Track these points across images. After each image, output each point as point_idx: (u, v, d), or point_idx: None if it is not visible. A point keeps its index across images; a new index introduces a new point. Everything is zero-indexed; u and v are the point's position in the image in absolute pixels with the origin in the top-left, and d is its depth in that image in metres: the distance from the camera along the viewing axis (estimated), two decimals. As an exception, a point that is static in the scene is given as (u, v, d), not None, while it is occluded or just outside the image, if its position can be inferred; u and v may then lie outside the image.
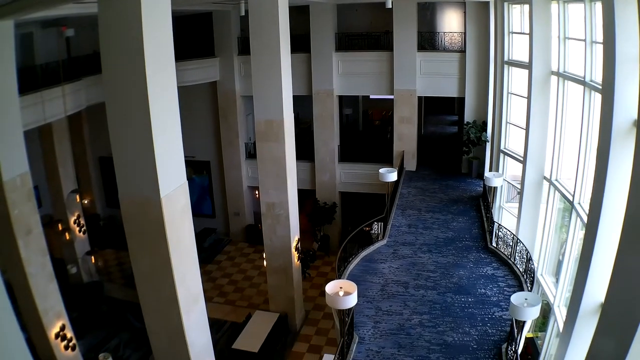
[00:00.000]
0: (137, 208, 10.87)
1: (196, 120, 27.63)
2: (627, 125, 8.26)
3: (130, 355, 20.04)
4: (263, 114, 18.58)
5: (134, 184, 10.74)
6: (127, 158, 10.66)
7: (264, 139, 18.83)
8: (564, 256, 14.53)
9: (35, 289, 13.97)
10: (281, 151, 18.74)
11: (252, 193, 29.35)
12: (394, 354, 13.55)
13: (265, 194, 19.63)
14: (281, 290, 21.10)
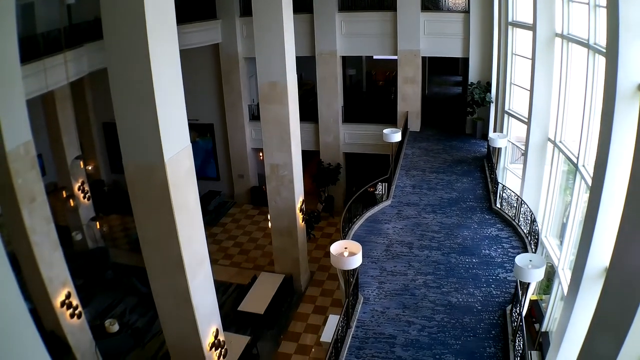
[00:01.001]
0: (141, 172, 10.88)
1: (199, 84, 27.47)
2: (631, 90, 8.17)
3: (137, 320, 20.21)
4: (266, 76, 18.47)
5: (137, 148, 10.73)
6: (131, 123, 10.63)
7: (267, 101, 18.75)
8: (568, 218, 14.51)
9: (40, 257, 13.99)
10: (285, 113, 18.67)
11: (256, 155, 29.31)
12: (398, 315, 13.63)
13: (269, 155, 19.61)
14: (286, 251, 21.20)
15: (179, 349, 13.50)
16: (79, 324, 15.77)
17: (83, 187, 23.43)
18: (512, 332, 12.42)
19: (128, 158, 10.93)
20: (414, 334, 12.94)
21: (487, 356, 12.04)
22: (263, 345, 18.70)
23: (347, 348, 12.59)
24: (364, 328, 13.24)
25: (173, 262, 11.61)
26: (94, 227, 23.74)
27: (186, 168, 11.38)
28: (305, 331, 19.67)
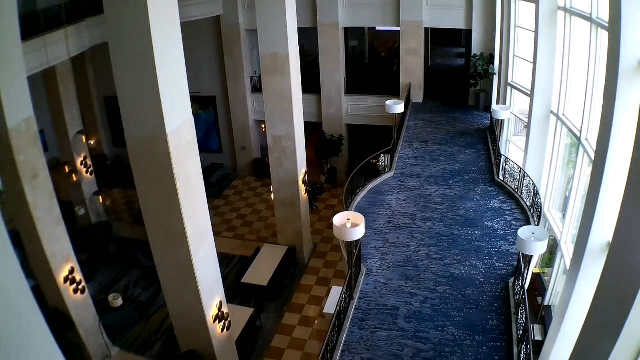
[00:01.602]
0: (143, 145, 10.86)
1: (200, 56, 27.30)
2: (633, 65, 8.10)
3: (140, 294, 20.33)
4: (268, 48, 18.36)
5: (139, 121, 10.70)
6: (132, 96, 10.59)
7: (269, 73, 18.66)
8: (571, 192, 14.48)
9: (43, 233, 13.99)
10: (287, 84, 18.59)
11: (258, 127, 29.26)
12: (401, 286, 13.68)
13: (272, 127, 19.57)
14: (289, 223, 21.25)
15: (182, 321, 13.58)
16: (83, 299, 15.83)
17: (85, 162, 23.41)
18: (515, 305, 12.46)
19: (130, 131, 10.90)
20: (417, 305, 13.00)
21: (489, 329, 12.09)
22: (266, 317, 18.82)
23: (350, 319, 12.65)
24: (366, 299, 13.30)
25: (176, 235, 11.64)
26: (97, 202, 23.84)
27: (188, 140, 11.35)
28: (308, 303, 19.78)
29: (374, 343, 12.03)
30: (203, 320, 13.01)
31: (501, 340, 11.75)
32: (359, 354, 11.78)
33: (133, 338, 18.19)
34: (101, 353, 16.98)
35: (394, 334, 12.21)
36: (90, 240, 22.45)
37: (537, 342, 13.83)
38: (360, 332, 12.35)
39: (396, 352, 11.73)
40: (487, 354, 11.44)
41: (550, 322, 13.35)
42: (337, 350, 11.81)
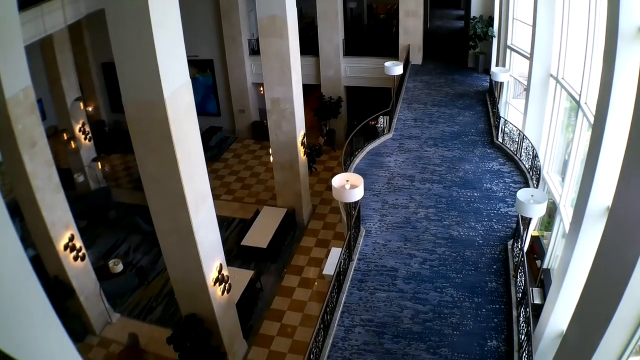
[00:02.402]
0: (141, 110, 10.81)
1: (197, 19, 27.05)
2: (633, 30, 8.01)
3: (141, 259, 20.42)
4: (265, 10, 18.17)
5: (137, 86, 10.64)
6: (129, 60, 10.51)
7: (267, 35, 18.50)
8: (570, 156, 14.45)
9: (42, 201, 13.98)
10: (285, 46, 18.45)
11: (256, 90, 29.14)
12: (400, 247, 13.75)
13: (270, 90, 19.47)
14: (288, 185, 21.27)
15: (183, 285, 13.67)
16: (83, 266, 15.90)
17: (84, 129, 23.35)
18: (514, 267, 12.52)
19: (128, 96, 10.85)
20: (416, 266, 13.07)
21: (488, 291, 12.17)
22: (266, 279, 18.94)
23: (350, 281, 12.73)
24: (365, 261, 13.37)
25: (175, 199, 11.65)
26: (96, 168, 23.84)
27: (186, 104, 11.30)
28: (307, 264, 19.88)
29: (373, 304, 12.12)
30: (203, 284, 13.09)
31: (500, 303, 11.83)
32: (358, 315, 11.88)
33: (134, 303, 18.31)
34: (102, 320, 17.12)
35: (393, 295, 12.30)
36: (90, 207, 22.50)
37: (536, 305, 13.94)
38: (359, 293, 12.44)
39: (395, 313, 11.83)
40: (486, 315, 11.53)
41: (549, 285, 13.42)
42: (337, 312, 11.90)
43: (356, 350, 11.04)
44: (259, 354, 16.18)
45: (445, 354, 10.77)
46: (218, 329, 14.04)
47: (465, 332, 11.22)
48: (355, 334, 11.42)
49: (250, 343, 16.45)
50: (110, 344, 16.71)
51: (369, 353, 10.98)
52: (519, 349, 10.54)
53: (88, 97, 27.34)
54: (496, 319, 11.42)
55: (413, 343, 11.07)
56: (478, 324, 11.35)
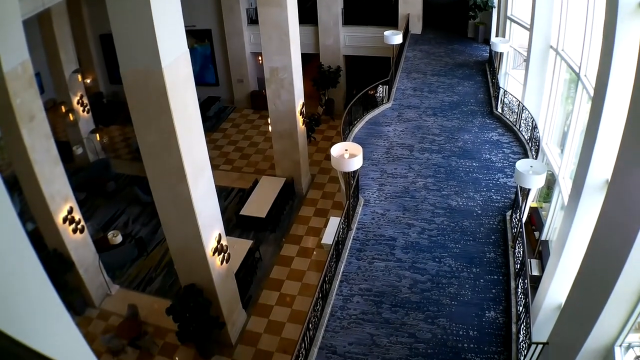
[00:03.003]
0: (139, 81, 10.75)
1: (195, -13, 26.89)
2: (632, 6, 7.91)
3: (140, 230, 20.46)
4: (264, -22, 18.05)
5: (135, 56, 10.56)
6: (127, 31, 10.41)
7: (265, 4, 18.34)
8: (569, 128, 14.40)
9: (41, 175, 13.94)
10: (283, 15, 18.30)
11: (255, 59, 28.98)
12: (398, 217, 13.77)
13: (269, 59, 19.35)
14: (287, 155, 21.25)
15: (182, 255, 13.70)
16: (82, 238, 15.92)
17: (82, 101, 23.27)
18: (512, 238, 12.55)
19: (126, 67, 10.77)
20: (414, 236, 13.11)
21: (486, 261, 12.21)
22: (265, 249, 19.00)
23: (348, 250, 12.77)
24: (364, 230, 13.41)
25: (174, 169, 11.63)
26: (94, 140, 23.80)
27: (184, 74, 11.24)
28: (306, 234, 19.94)
29: (371, 273, 12.17)
30: (202, 254, 13.12)
31: (498, 274, 11.88)
32: (356, 284, 11.93)
33: (133, 275, 18.39)
34: (101, 292, 17.19)
35: (391, 265, 12.35)
36: (89, 179, 22.53)
37: (534, 277, 13.99)
38: (358, 262, 12.48)
39: (393, 282, 11.88)
40: (484, 286, 11.58)
41: (548, 257, 13.46)
42: (335, 281, 11.96)
43: (354, 320, 11.11)
44: (258, 323, 16.28)
45: (443, 324, 10.84)
46: (217, 299, 14.10)
47: (463, 302, 11.28)
48: (353, 303, 11.48)
49: (250, 313, 16.56)
50: (109, 316, 16.80)
51: (367, 322, 11.04)
52: (517, 320, 10.60)
53: (86, 70, 27.24)
54: (494, 290, 11.48)
55: (411, 313, 11.14)
56: (476, 295, 11.41)
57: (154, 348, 15.54)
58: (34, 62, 13.43)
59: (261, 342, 15.70)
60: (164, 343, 15.79)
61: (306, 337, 10.29)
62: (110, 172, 23.52)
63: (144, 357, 15.43)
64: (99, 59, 30.27)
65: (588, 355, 7.05)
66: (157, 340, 15.79)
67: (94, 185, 22.38)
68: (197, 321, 13.77)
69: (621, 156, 6.87)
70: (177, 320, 14.00)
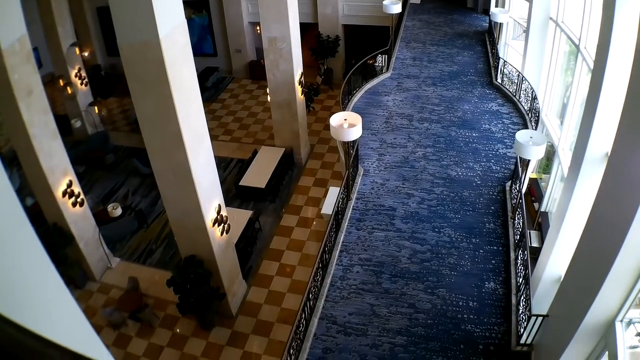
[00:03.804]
0: (136, 52, 10.66)
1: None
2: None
3: (140, 202, 20.46)
4: (261, -54, 17.87)
5: (132, 28, 10.46)
6: (124, 3, 10.29)
7: (263, -27, 18.22)
8: (569, 100, 14.31)
9: (40, 149, 13.88)
10: (281, -16, 18.18)
11: (253, 29, 28.80)
12: (398, 187, 13.78)
13: (267, 29, 19.20)
14: (286, 125, 21.20)
15: (182, 226, 13.70)
16: (82, 212, 15.92)
17: (80, 74, 23.16)
18: (512, 209, 12.56)
19: (123, 39, 10.67)
20: (414, 206, 13.12)
21: (486, 232, 12.23)
22: (265, 219, 19.03)
23: (348, 220, 12.80)
24: (364, 200, 13.42)
25: (173, 141, 11.59)
26: (93, 112, 23.70)
27: (182, 44, 11.15)
28: (306, 204, 19.95)
29: (371, 243, 12.21)
30: (202, 225, 13.12)
31: (498, 244, 11.90)
32: (356, 254, 11.97)
33: (133, 247, 18.42)
34: (102, 265, 17.23)
35: (391, 235, 12.37)
36: (88, 152, 22.51)
37: (533, 248, 13.99)
38: (357, 232, 12.51)
39: (393, 252, 11.92)
40: (483, 257, 11.61)
41: (547, 228, 13.46)
42: (335, 251, 11.99)
43: (354, 290, 11.16)
44: (259, 293, 16.35)
45: (442, 295, 10.88)
46: (217, 269, 14.14)
47: (462, 272, 11.32)
48: (353, 273, 11.52)
49: (250, 283, 16.62)
50: (110, 289, 16.87)
51: (367, 292, 11.09)
52: (517, 292, 10.64)
53: (84, 42, 27.09)
54: (494, 261, 11.51)
55: (411, 283, 11.18)
56: (476, 265, 11.45)
57: (155, 320, 15.62)
58: (31, 36, 13.32)
59: (261, 312, 15.78)
60: (164, 315, 15.86)
61: (306, 307, 10.34)
62: (109, 144, 23.48)
63: (145, 330, 15.52)
64: (96, 31, 30.15)
65: (588, 330, 7.06)
66: (157, 312, 15.87)
67: (93, 158, 22.37)
68: (197, 292, 13.81)
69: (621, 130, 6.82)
70: (178, 291, 14.04)
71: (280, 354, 10.71)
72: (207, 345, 14.95)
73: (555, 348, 8.09)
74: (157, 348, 15.06)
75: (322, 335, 10.35)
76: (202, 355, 14.72)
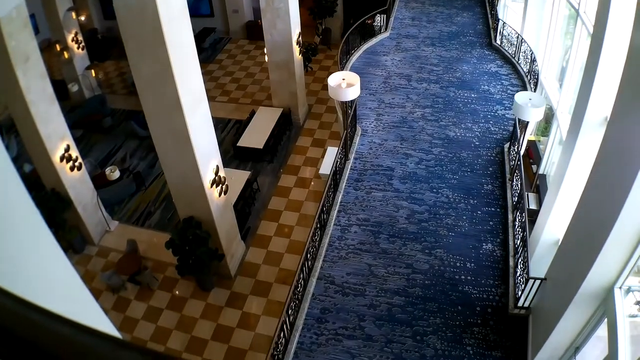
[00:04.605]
0: (133, 14, 10.55)
1: None
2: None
3: (138, 164, 20.42)
4: None
5: (128, -12, 10.38)
6: (119, -38, 10.22)
7: None
8: (568, 63, 14.22)
9: (37, 114, 13.81)
10: (277, -57, 17.97)
11: (250, -12, 28.53)
12: (396, 147, 13.79)
13: (264, -12, 19.05)
14: (283, 85, 21.09)
15: (180, 188, 13.70)
16: (79, 176, 15.88)
17: (77, 38, 22.96)
18: (510, 170, 12.58)
19: (119, 1, 10.60)
20: (412, 166, 13.14)
21: (483, 193, 12.27)
22: (263, 180, 19.03)
23: (346, 180, 12.82)
24: (362, 160, 13.44)
25: (170, 102, 11.54)
26: (90, 76, 23.59)
27: (178, 5, 11.04)
28: (304, 164, 19.95)
29: (369, 203, 12.25)
30: (200, 186, 13.13)
31: (496, 206, 11.94)
32: (354, 214, 12.02)
33: (132, 210, 18.43)
34: (100, 229, 17.25)
35: (388, 195, 12.41)
36: (85, 116, 22.42)
37: (531, 210, 14.04)
38: (355, 192, 12.55)
39: (391, 212, 11.97)
40: (481, 218, 11.66)
41: (545, 191, 13.48)
42: (333, 211, 12.04)
43: (352, 250, 11.22)
44: (257, 254, 16.42)
45: (440, 255, 10.95)
46: (216, 230, 14.18)
47: (460, 233, 11.38)
48: (351, 233, 11.58)
49: (248, 244, 16.68)
50: (109, 253, 16.91)
51: (365, 253, 11.16)
52: (515, 254, 10.69)
53: (80, 7, 26.81)
54: (492, 222, 11.56)
55: (408, 243, 11.24)
56: (473, 226, 11.50)
57: (154, 283, 15.70)
58: (28, 3, 13.22)
59: (260, 273, 15.87)
60: (163, 277, 15.95)
61: (305, 267, 10.40)
62: (106, 107, 23.37)
63: (144, 293, 15.61)
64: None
65: (587, 295, 7.06)
66: (156, 274, 15.95)
67: (91, 122, 22.28)
68: (196, 254, 13.86)
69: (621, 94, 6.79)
70: (176, 253, 14.09)
71: (278, 314, 10.81)
72: (206, 307, 15.06)
73: (553, 312, 8.12)
74: (156, 310, 15.17)
75: (320, 296, 10.43)
76: (201, 317, 14.83)
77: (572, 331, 7.72)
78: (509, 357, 9.26)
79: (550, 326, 7.97)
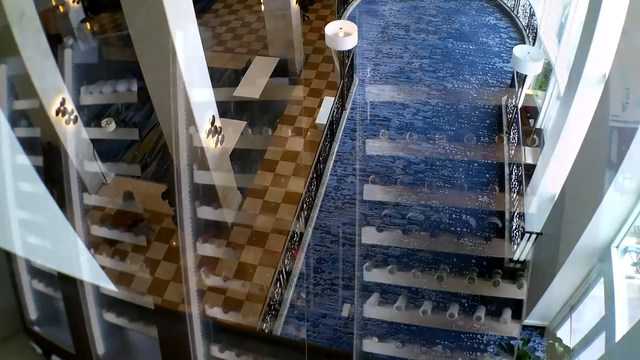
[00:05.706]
0: (128, -38, 10.47)
1: None
2: None
3: (134, 115, 20.29)
4: None
5: None
6: None
7: None
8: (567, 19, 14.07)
9: (32, 70, 13.74)
10: None
11: None
12: (393, 97, 13.76)
13: None
14: (280, 34, 20.85)
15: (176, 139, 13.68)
16: (75, 128, 15.78)
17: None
18: (507, 123, 12.55)
19: (114, -47, 10.48)
20: (409, 117, 13.13)
21: (480, 145, 12.25)
22: (259, 130, 18.96)
23: (342, 130, 12.83)
24: (358, 110, 13.42)
25: (166, 53, 11.47)
26: (85, 29, 23.30)
27: (174, -47, 10.93)
28: (300, 114, 19.86)
29: (365, 154, 12.24)
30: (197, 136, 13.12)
31: (492, 158, 11.96)
32: (350, 164, 12.06)
33: (128, 161, 18.36)
34: (97, 181, 17.21)
35: (385, 145, 12.40)
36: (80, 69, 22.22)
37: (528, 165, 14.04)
38: (352, 142, 12.56)
39: (387, 163, 11.98)
40: (477, 170, 11.69)
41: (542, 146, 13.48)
42: (330, 161, 12.10)
43: (348, 200, 11.29)
44: (253, 204, 16.42)
45: (436, 207, 10.99)
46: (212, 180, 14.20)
47: (456, 185, 11.41)
48: (347, 183, 11.63)
49: (245, 194, 16.70)
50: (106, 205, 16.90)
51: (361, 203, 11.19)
52: (510, 207, 10.73)
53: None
54: (488, 175, 11.62)
55: (404, 194, 11.27)
56: (469, 178, 11.53)
57: (151, 234, 15.75)
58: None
59: (256, 223, 15.91)
60: (160, 228, 15.98)
61: (301, 217, 10.45)
62: (102, 59, 23.16)
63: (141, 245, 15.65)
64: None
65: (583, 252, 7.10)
66: (153, 226, 15.99)
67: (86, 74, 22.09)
68: (192, 204, 13.90)
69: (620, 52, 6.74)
70: (173, 204, 14.12)
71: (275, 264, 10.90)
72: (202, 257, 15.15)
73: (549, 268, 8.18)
74: (153, 262, 15.24)
75: (316, 245, 10.51)
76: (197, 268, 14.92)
77: (567, 288, 7.79)
78: (504, 311, 9.36)
79: (546, 282, 8.04)
